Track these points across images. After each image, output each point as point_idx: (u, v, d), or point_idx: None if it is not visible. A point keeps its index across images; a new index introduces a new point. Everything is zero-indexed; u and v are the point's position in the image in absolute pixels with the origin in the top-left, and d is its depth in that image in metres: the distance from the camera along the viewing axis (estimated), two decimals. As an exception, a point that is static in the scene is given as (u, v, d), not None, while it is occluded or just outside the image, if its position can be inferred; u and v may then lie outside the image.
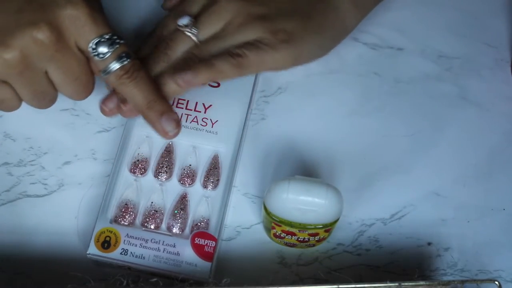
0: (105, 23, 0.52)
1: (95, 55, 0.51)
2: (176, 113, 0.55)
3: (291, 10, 0.58)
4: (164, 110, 0.54)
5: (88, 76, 0.53)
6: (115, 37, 0.51)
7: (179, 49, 0.57)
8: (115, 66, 0.52)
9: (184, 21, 0.57)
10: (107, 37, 0.51)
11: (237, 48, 0.56)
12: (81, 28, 0.50)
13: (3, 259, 0.57)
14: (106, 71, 0.52)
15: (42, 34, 0.49)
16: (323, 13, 0.59)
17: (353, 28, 0.62)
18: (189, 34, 0.57)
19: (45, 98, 0.54)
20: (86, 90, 0.54)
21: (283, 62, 0.58)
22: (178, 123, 0.54)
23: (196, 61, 0.56)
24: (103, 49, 0.51)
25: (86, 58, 0.52)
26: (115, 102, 0.56)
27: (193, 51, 0.57)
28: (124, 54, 0.52)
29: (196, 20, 0.58)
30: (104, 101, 0.56)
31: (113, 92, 0.56)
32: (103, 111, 0.56)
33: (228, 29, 0.57)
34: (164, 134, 0.55)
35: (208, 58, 0.56)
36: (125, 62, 0.52)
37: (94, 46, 0.51)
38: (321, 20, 0.59)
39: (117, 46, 0.52)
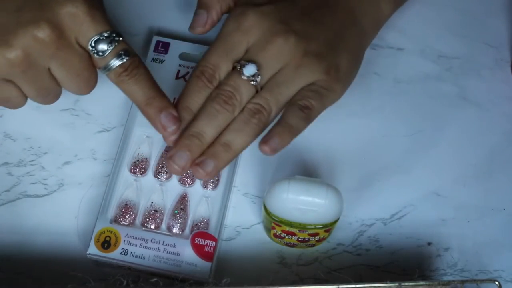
0: (104, 21, 0.51)
1: (94, 53, 0.51)
2: (175, 109, 0.54)
3: (335, 40, 0.57)
4: (163, 106, 0.53)
5: (90, 71, 0.53)
6: (114, 35, 0.51)
7: (244, 99, 0.54)
8: (114, 63, 0.52)
9: (250, 71, 0.54)
10: (106, 34, 0.51)
11: (303, 100, 0.55)
12: (80, 26, 0.50)
13: (3, 259, 0.57)
14: (106, 69, 0.52)
15: (43, 33, 0.49)
16: (357, 38, 0.59)
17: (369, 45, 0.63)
18: (254, 84, 0.54)
19: (49, 94, 0.54)
20: (88, 86, 0.54)
21: (336, 98, 0.58)
22: (177, 120, 0.53)
23: (265, 114, 0.54)
24: (102, 47, 0.51)
25: (88, 54, 0.52)
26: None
27: (257, 101, 0.54)
28: (123, 52, 0.52)
29: (256, 64, 0.54)
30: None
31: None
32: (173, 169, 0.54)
33: (287, 73, 0.55)
34: (163, 130, 0.54)
35: (272, 108, 0.54)
36: (124, 60, 0.52)
37: (93, 44, 0.51)
38: (357, 47, 0.60)
39: (116, 43, 0.51)
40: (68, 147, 0.61)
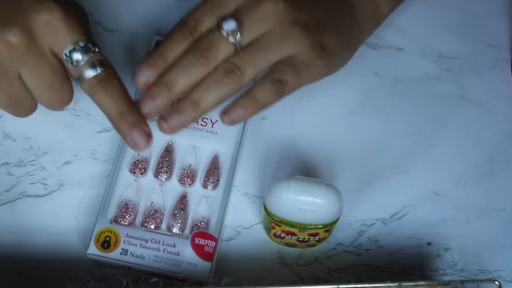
0: (80, 29, 0.50)
1: (69, 63, 0.50)
2: (148, 125, 0.53)
3: (325, 20, 0.56)
4: (135, 121, 0.52)
5: (63, 84, 0.52)
6: (90, 45, 0.50)
7: (220, 55, 0.52)
8: (88, 74, 0.51)
9: (230, 26, 0.52)
10: (81, 44, 0.50)
11: (277, 73, 0.53)
12: (55, 34, 0.50)
13: (3, 259, 0.57)
14: (79, 79, 0.51)
15: (12, 37, 0.49)
16: (350, 26, 0.58)
17: (365, 41, 0.62)
18: (233, 41, 0.52)
19: (21, 105, 0.53)
20: (61, 99, 0.53)
21: (315, 77, 0.56)
22: (149, 136, 0.53)
23: (239, 75, 0.52)
24: (77, 57, 0.50)
25: (62, 66, 0.51)
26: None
27: (233, 61, 0.52)
28: (98, 62, 0.51)
29: (238, 22, 0.53)
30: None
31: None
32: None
33: (271, 38, 0.53)
34: (134, 146, 0.53)
35: (248, 71, 0.52)
36: (99, 71, 0.51)
37: (68, 54, 0.50)
38: (349, 34, 0.58)
39: (92, 54, 0.50)
40: (68, 147, 0.61)
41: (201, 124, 0.60)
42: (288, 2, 0.54)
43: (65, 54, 0.50)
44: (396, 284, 0.52)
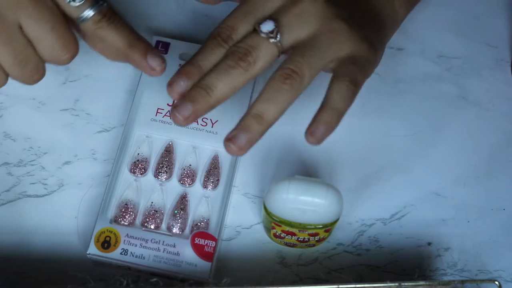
0: None
1: (70, 1, 0.49)
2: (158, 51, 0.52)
3: (360, 17, 0.54)
4: (147, 47, 0.51)
5: (64, 27, 0.50)
6: None
7: (262, 58, 0.50)
8: (91, 11, 0.50)
9: (268, 26, 0.50)
10: None
11: (347, 75, 0.51)
12: None
13: (3, 259, 0.57)
14: (82, 18, 0.50)
15: None
16: (379, 26, 0.57)
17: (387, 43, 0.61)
18: (273, 41, 0.50)
19: (27, 63, 0.51)
20: (67, 47, 0.51)
21: (372, 72, 0.54)
22: (163, 59, 0.51)
23: (297, 80, 0.50)
24: None
25: (58, 10, 0.50)
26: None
27: (288, 66, 0.50)
28: None
29: (276, 21, 0.50)
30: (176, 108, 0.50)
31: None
32: (176, 119, 0.50)
33: (320, 36, 0.51)
34: (150, 70, 0.51)
35: (306, 73, 0.50)
36: (102, 7, 0.50)
37: None
38: (380, 32, 0.57)
39: None
40: (68, 147, 0.61)
41: (201, 124, 0.60)
42: (326, 1, 0.52)
43: None
44: (396, 284, 0.52)
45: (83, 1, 0.49)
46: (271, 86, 0.50)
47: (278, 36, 0.50)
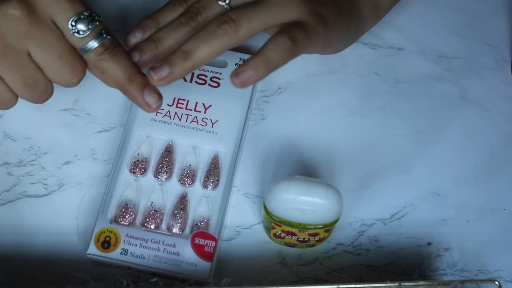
0: (80, 0, 0.50)
1: (74, 32, 0.50)
2: (156, 87, 0.53)
3: None
4: (145, 83, 0.52)
5: (72, 54, 0.51)
6: (94, 15, 0.50)
7: (209, 17, 0.55)
8: (94, 43, 0.51)
9: None
10: (86, 14, 0.50)
11: (289, 32, 0.52)
12: (56, 4, 0.49)
13: (3, 259, 0.57)
14: (85, 49, 0.51)
15: (12, 9, 0.48)
16: (350, 10, 0.58)
17: (368, 30, 0.62)
18: (221, 3, 0.55)
19: (36, 87, 0.52)
20: (74, 71, 0.52)
21: (318, 47, 0.56)
22: (160, 96, 0.53)
23: (233, 27, 0.52)
24: (82, 27, 0.50)
25: (64, 36, 0.51)
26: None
27: (229, 14, 0.52)
28: (103, 32, 0.51)
29: None
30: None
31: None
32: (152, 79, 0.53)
33: (269, 2, 0.53)
34: (147, 107, 0.53)
35: (243, 24, 0.52)
36: (105, 40, 0.51)
37: (73, 24, 0.50)
38: (348, 15, 0.58)
39: (97, 23, 0.50)
40: (68, 147, 0.61)
41: (201, 124, 0.60)
42: None
43: (71, 24, 0.50)
44: (396, 284, 0.52)
45: (87, 33, 0.50)
46: (205, 29, 0.52)
47: (229, 0, 0.54)
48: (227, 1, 0.54)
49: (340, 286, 0.52)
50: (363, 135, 0.63)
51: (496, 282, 0.52)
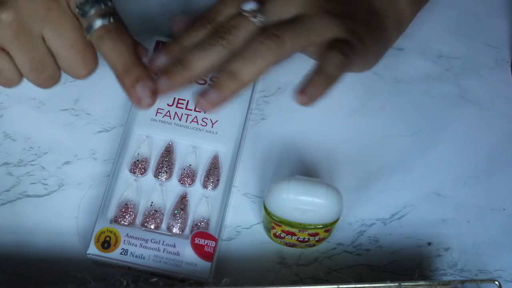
0: None
1: (80, 14, 0.50)
2: (153, 83, 0.51)
3: (353, 12, 0.55)
4: (140, 77, 0.51)
5: (85, 44, 0.51)
6: None
7: (241, 36, 0.51)
8: (97, 23, 0.50)
9: (250, 5, 0.51)
10: None
11: (338, 46, 0.51)
12: None
13: (3, 259, 0.57)
14: (89, 29, 0.50)
15: None
16: (377, 22, 0.57)
17: (392, 45, 0.61)
18: (254, 20, 0.51)
19: (44, 71, 0.52)
20: (85, 62, 0.52)
21: (359, 63, 0.55)
22: (154, 93, 0.51)
23: (278, 43, 0.50)
24: (88, 7, 0.50)
25: (80, 25, 0.51)
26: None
27: (271, 30, 0.50)
28: (109, 14, 0.50)
29: (259, 2, 0.51)
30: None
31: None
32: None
33: (304, 20, 0.51)
34: (137, 102, 0.52)
35: (287, 39, 0.50)
36: (109, 21, 0.50)
37: (79, 5, 0.50)
38: (377, 29, 0.58)
39: (103, 5, 0.50)
40: (68, 147, 0.61)
41: (201, 124, 0.60)
42: None
43: (77, 6, 0.50)
44: (396, 284, 0.52)
45: (91, 13, 0.50)
46: (249, 46, 0.50)
47: (260, 15, 0.51)
48: (260, 18, 0.51)
49: (340, 286, 0.52)
50: (363, 135, 0.63)
51: (496, 282, 0.52)
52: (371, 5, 0.58)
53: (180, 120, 0.60)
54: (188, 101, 0.61)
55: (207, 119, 0.60)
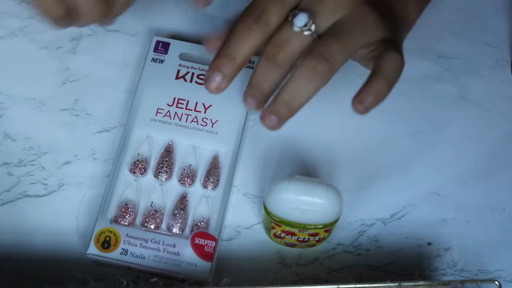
0: None
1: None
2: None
3: (387, 13, 0.54)
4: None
5: None
6: None
7: (297, 51, 0.50)
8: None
9: (302, 20, 0.50)
10: None
11: (392, 47, 0.50)
12: None
13: (3, 259, 0.57)
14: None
15: None
16: (399, 27, 0.57)
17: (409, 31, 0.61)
18: (308, 34, 0.50)
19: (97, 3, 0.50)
20: None
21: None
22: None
23: (332, 62, 0.49)
24: None
25: None
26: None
27: (320, 50, 0.49)
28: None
29: (309, 12, 0.50)
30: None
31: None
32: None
33: (351, 20, 0.50)
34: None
35: (337, 58, 0.49)
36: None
37: None
38: (400, 33, 0.57)
39: None
40: (68, 147, 0.61)
41: (201, 124, 0.60)
42: None
43: None
44: (396, 284, 0.52)
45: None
46: (302, 72, 0.50)
47: (313, 27, 0.50)
48: (313, 30, 0.50)
49: (340, 286, 0.52)
50: (363, 135, 0.63)
51: (496, 282, 0.52)
52: (390, 7, 0.57)
53: (180, 120, 0.60)
54: (188, 101, 0.61)
55: (207, 119, 0.60)
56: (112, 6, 0.52)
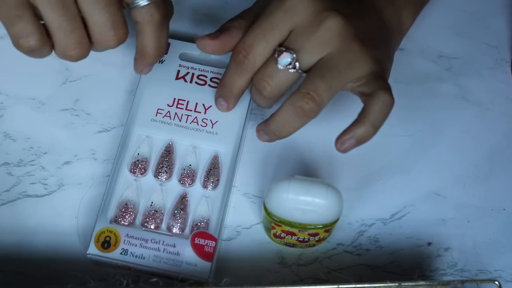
0: None
1: None
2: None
3: (373, 35, 0.55)
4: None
5: (118, 9, 0.50)
6: None
7: (284, 84, 0.53)
8: (143, 2, 0.50)
9: (285, 60, 0.52)
10: None
11: (382, 86, 0.52)
12: None
13: (3, 259, 0.57)
14: (135, 5, 0.50)
15: None
16: (387, 40, 0.57)
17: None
18: (292, 71, 0.52)
19: (72, 32, 0.50)
20: (117, 26, 0.50)
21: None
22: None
23: (317, 101, 0.51)
24: None
25: None
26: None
27: (307, 89, 0.51)
28: None
29: (293, 52, 0.52)
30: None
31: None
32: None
33: (337, 57, 0.52)
34: (141, 69, 0.57)
35: (324, 97, 0.51)
36: (156, 3, 0.50)
37: None
38: (390, 48, 0.58)
39: None
40: (68, 147, 0.61)
41: (201, 125, 0.60)
42: (345, 18, 0.52)
43: None
44: (396, 284, 0.52)
45: None
46: (289, 109, 0.52)
47: (297, 65, 0.52)
48: (296, 68, 0.52)
49: (340, 286, 0.52)
50: (363, 135, 0.63)
51: (496, 282, 0.52)
52: (382, 20, 0.57)
53: (180, 120, 0.60)
54: (188, 101, 0.61)
55: (207, 119, 0.60)
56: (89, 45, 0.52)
